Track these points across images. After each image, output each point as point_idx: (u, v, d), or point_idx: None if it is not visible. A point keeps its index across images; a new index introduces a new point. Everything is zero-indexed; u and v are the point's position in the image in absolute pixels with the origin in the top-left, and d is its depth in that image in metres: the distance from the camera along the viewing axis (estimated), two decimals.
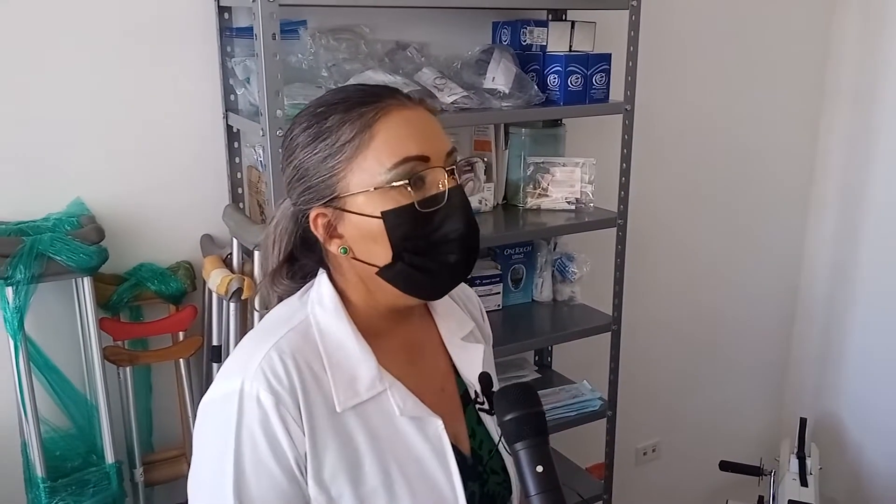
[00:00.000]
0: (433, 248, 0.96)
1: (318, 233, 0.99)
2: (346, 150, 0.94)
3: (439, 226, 0.96)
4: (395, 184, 0.93)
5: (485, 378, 1.04)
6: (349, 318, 1.00)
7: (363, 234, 0.96)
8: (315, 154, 0.96)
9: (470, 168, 1.03)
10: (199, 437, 0.98)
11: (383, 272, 0.97)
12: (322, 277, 1.03)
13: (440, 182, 0.95)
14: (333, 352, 0.98)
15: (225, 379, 0.96)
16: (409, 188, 0.93)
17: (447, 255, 0.97)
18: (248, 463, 0.91)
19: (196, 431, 0.98)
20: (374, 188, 0.93)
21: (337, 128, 0.95)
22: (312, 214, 0.98)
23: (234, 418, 0.92)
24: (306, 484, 0.94)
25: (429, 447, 1.00)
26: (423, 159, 0.94)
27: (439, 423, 1.01)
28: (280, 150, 1.03)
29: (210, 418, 0.96)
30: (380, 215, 0.94)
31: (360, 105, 0.95)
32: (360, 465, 0.96)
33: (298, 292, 1.05)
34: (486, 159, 2.05)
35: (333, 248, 0.98)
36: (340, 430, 0.96)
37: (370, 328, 1.01)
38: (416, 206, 0.93)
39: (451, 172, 0.97)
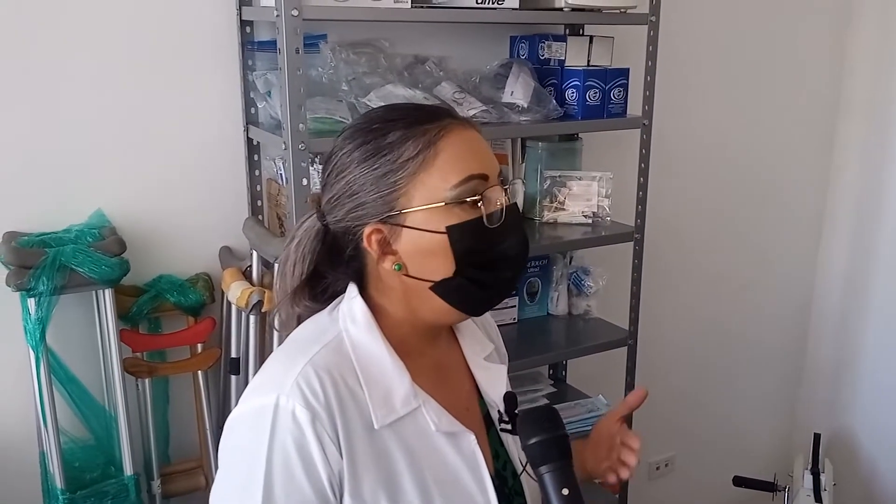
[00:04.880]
0: (493, 263, 0.99)
1: (372, 249, 0.98)
2: (408, 167, 0.94)
3: (500, 242, 0.98)
4: (467, 199, 0.95)
5: (510, 398, 1.04)
6: (382, 334, 1.00)
7: (421, 250, 0.96)
8: (374, 170, 0.95)
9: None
10: (227, 451, 0.96)
11: (438, 286, 0.97)
12: (352, 292, 1.02)
13: (498, 200, 0.98)
14: (368, 367, 0.97)
15: (258, 394, 0.94)
16: (479, 204, 0.95)
17: (504, 270, 1.00)
18: (278, 479, 0.90)
19: (223, 445, 0.97)
20: (443, 203, 0.94)
21: (399, 144, 0.95)
22: (367, 231, 0.97)
23: (267, 433, 0.90)
24: (338, 503, 0.93)
25: (463, 462, 1.00)
26: (484, 178, 0.97)
27: (472, 437, 1.01)
28: (323, 168, 1.03)
29: (239, 432, 0.95)
30: (444, 230, 0.95)
31: (421, 122, 0.96)
32: (399, 481, 0.95)
33: (327, 308, 1.05)
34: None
35: (388, 264, 0.98)
36: (378, 446, 0.95)
37: (402, 345, 1.01)
38: (485, 221, 0.96)
39: (504, 192, 0.99)
